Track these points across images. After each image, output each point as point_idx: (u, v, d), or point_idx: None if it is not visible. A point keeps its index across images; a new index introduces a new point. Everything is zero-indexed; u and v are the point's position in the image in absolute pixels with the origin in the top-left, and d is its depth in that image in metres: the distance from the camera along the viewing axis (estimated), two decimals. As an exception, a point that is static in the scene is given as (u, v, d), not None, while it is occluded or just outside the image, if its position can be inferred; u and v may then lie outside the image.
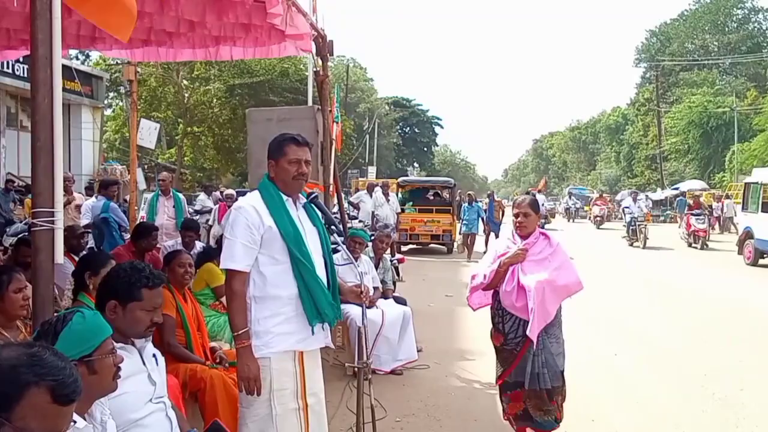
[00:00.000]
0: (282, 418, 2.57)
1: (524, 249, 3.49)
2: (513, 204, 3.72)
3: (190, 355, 3.46)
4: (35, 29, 2.11)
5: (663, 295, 9.66)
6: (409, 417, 4.35)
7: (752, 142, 32.09)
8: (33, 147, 2.09)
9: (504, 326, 3.56)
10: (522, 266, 3.48)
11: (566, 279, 3.48)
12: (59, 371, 1.26)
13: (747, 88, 41.44)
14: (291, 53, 5.71)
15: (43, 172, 2.09)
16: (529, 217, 3.57)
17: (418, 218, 15.12)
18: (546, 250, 3.54)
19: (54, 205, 2.08)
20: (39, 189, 2.09)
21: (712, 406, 4.65)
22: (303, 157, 2.69)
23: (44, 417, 1.21)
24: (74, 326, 1.74)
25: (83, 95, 16.57)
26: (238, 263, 2.56)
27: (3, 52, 5.57)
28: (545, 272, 3.42)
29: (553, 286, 3.41)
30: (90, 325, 1.76)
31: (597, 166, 65.93)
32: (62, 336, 1.72)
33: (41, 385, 1.21)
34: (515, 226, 3.63)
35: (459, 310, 7.86)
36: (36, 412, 1.20)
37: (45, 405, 1.21)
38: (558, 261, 3.50)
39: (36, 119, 2.11)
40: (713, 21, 49.89)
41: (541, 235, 3.62)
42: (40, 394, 1.21)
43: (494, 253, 3.63)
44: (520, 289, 3.42)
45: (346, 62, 45.01)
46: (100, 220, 7.11)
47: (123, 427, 2.00)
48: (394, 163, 52.57)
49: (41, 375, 1.23)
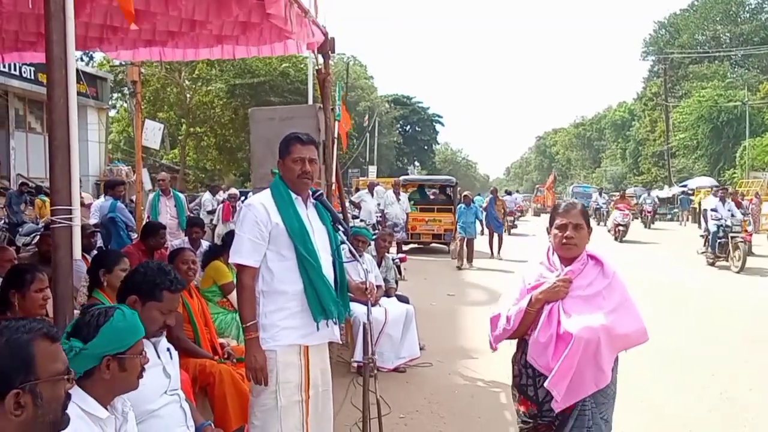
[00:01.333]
0: (286, 409, 2.65)
1: (567, 279, 2.46)
2: (554, 211, 2.62)
3: (198, 349, 3.53)
4: (50, 30, 2.18)
5: (672, 298, 9.63)
6: (413, 414, 4.40)
7: (765, 137, 31.32)
8: (50, 146, 2.16)
9: (537, 392, 2.51)
10: (563, 305, 2.44)
11: (627, 326, 2.43)
12: (39, 323, 1.45)
13: (759, 81, 40.14)
14: (293, 51, 5.77)
15: (61, 170, 2.16)
16: (581, 231, 2.52)
17: (420, 217, 14.95)
18: (598, 281, 2.49)
19: (71, 202, 2.15)
20: (57, 187, 2.16)
21: (720, 406, 4.62)
22: (307, 155, 2.75)
23: (55, 358, 1.42)
24: (115, 323, 1.83)
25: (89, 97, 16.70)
26: (245, 258, 2.65)
27: (10, 54, 5.66)
28: (599, 314, 2.39)
29: (611, 335, 2.37)
30: (129, 324, 1.85)
31: (602, 163, 65.40)
32: (103, 330, 1.80)
33: (36, 336, 1.40)
34: (558, 244, 2.53)
35: (461, 309, 7.94)
36: (49, 356, 1.41)
37: (49, 348, 1.42)
38: (616, 298, 2.46)
39: (52, 119, 2.18)
40: (725, 11, 48.48)
41: (590, 259, 2.55)
42: (42, 343, 1.40)
43: (521, 285, 2.57)
44: (560, 341, 2.38)
45: (346, 60, 45.06)
46: (107, 220, 7.21)
47: (140, 417, 2.08)
48: (395, 161, 52.59)
49: (31, 330, 1.40)
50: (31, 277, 2.89)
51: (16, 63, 14.46)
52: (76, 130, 2.23)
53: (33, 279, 2.89)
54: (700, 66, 45.49)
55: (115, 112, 30.37)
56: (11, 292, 2.87)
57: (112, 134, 28.21)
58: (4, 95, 16.39)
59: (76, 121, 2.24)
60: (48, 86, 2.20)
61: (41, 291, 2.89)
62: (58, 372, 1.41)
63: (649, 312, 2.93)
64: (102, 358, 1.77)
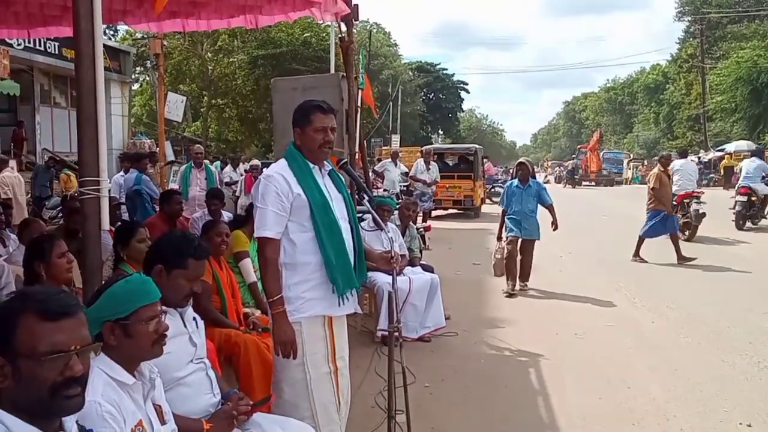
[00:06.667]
0: (316, 382, 2.65)
1: None
2: None
3: (224, 319, 3.57)
4: (77, 4, 2.16)
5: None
6: (438, 383, 4.40)
7: (807, 99, 29.64)
8: (78, 119, 2.18)
9: None
10: None
11: None
12: (42, 294, 1.38)
13: (803, 40, 37.85)
14: (316, 18, 5.68)
15: (89, 142, 2.18)
16: None
17: (441, 184, 15.11)
18: None
19: (99, 174, 2.16)
20: (85, 159, 2.17)
21: (757, 374, 4.50)
22: (329, 124, 2.70)
23: (40, 335, 1.33)
24: (114, 289, 1.83)
25: (112, 71, 16.84)
26: (270, 230, 2.62)
27: (36, 29, 5.68)
28: None
29: None
30: (128, 290, 1.83)
31: (634, 128, 63.67)
32: (102, 296, 1.82)
33: (26, 310, 1.34)
34: None
35: (487, 278, 7.88)
36: (31, 334, 1.33)
37: (36, 326, 1.33)
38: None
39: (80, 92, 2.19)
40: (765, -33, 46.11)
41: None
42: (29, 319, 1.33)
43: None
44: None
45: (369, 27, 44.41)
46: (132, 193, 7.30)
47: (168, 384, 2.10)
48: (419, 130, 52.08)
49: (24, 301, 1.36)
50: (50, 245, 2.95)
51: (40, 38, 14.60)
52: (103, 103, 2.24)
53: (52, 246, 2.95)
54: (739, 26, 43.32)
55: (138, 86, 30.58)
56: (36, 264, 2.93)
57: (135, 107, 28.47)
58: (29, 71, 16.61)
59: (103, 94, 2.24)
60: (76, 60, 2.20)
61: (63, 256, 2.95)
62: (41, 352, 1.31)
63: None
64: (102, 323, 1.78)
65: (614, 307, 6.60)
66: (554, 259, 9.24)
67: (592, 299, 6.95)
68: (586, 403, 4.03)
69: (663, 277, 8.26)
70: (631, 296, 7.13)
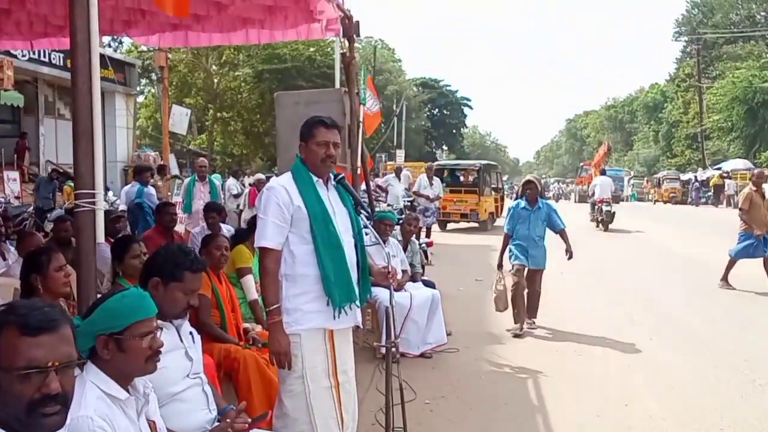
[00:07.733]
0: (316, 396, 2.63)
1: None
2: None
3: (224, 334, 3.54)
4: (74, 16, 2.17)
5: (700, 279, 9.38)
6: (439, 399, 4.37)
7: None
8: (74, 132, 2.17)
9: None
10: None
11: None
12: (25, 308, 1.37)
13: (796, 61, 38.44)
14: (317, 35, 5.73)
15: (84, 155, 2.17)
16: None
17: (449, 198, 16.84)
18: None
19: (95, 187, 2.15)
20: (80, 172, 2.16)
21: (752, 392, 4.51)
22: (331, 139, 2.73)
23: (18, 350, 1.32)
24: (110, 303, 1.80)
25: (116, 83, 16.93)
26: (270, 241, 2.64)
27: (39, 41, 5.73)
28: None
29: None
30: (124, 305, 1.79)
31: (634, 146, 63.97)
32: (97, 310, 1.79)
33: (9, 324, 1.33)
34: None
35: (489, 294, 7.77)
36: (11, 348, 1.32)
37: (15, 339, 1.32)
38: None
39: (76, 104, 2.18)
40: (760, -11, 46.53)
41: None
42: (9, 333, 1.33)
43: None
44: None
45: (374, 44, 44.73)
46: (134, 205, 7.30)
47: (163, 400, 2.08)
48: (423, 145, 52.21)
49: (8, 315, 1.35)
50: (47, 258, 2.89)
51: (45, 50, 14.71)
52: (99, 116, 2.23)
53: (50, 259, 2.89)
54: (735, 46, 44.13)
55: (143, 98, 30.82)
56: (33, 277, 2.88)
57: (140, 120, 28.65)
58: (33, 82, 16.73)
59: (99, 106, 2.23)
60: (72, 72, 2.21)
61: (61, 269, 2.89)
62: (17, 367, 1.30)
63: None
64: (96, 336, 1.75)
65: (613, 325, 6.55)
66: (553, 276, 9.16)
67: (590, 316, 6.97)
68: (585, 420, 4.03)
69: (662, 294, 8.23)
70: (629, 313, 7.12)
